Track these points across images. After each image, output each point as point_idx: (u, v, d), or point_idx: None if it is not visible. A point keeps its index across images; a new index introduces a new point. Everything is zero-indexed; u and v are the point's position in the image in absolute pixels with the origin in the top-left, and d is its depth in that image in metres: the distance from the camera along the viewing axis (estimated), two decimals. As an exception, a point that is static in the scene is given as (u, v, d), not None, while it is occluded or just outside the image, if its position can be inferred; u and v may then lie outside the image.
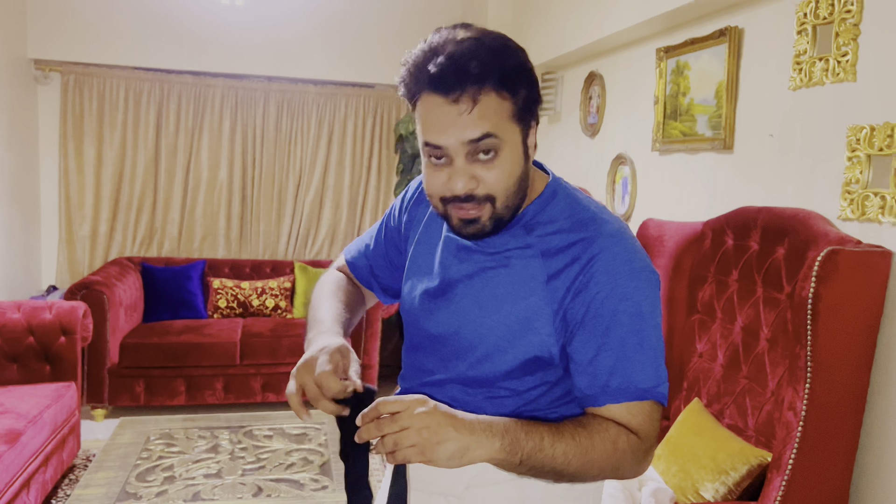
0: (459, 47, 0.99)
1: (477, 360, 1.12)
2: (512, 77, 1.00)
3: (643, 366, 1.04)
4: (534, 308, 1.07)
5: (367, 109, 5.13)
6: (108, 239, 4.79)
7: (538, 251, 1.08)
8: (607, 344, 1.03)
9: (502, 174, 1.02)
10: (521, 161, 1.05)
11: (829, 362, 1.78)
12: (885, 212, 1.82)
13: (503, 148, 1.01)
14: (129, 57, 4.62)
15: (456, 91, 0.98)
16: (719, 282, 2.31)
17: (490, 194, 1.03)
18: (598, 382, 1.04)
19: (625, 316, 1.03)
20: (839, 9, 1.99)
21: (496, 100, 0.99)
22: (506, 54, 1.00)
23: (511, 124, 1.02)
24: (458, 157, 1.01)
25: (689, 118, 2.71)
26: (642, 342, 1.04)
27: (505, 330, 1.09)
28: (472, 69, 0.97)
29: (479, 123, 0.99)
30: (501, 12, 4.48)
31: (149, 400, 3.95)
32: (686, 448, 2.11)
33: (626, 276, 1.04)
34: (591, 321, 1.04)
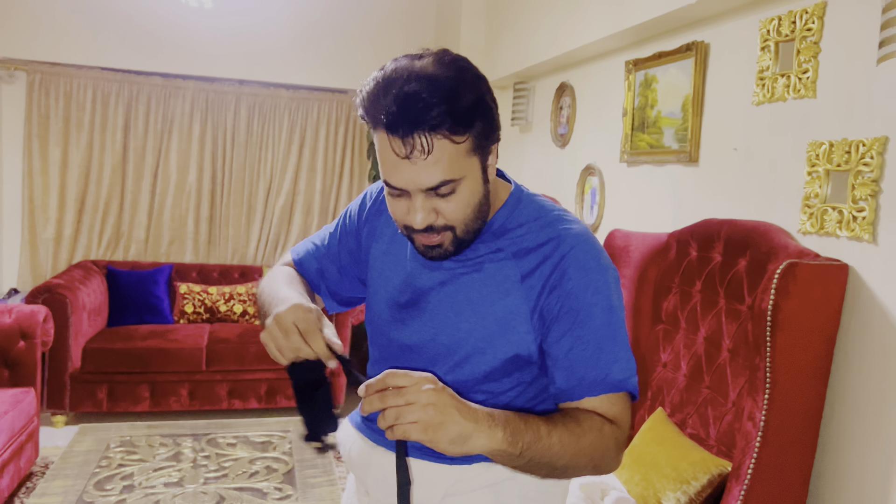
0: (410, 88, 0.96)
1: (455, 363, 1.12)
2: (466, 116, 0.98)
3: (617, 357, 1.06)
4: (511, 307, 1.08)
5: (340, 115, 5.12)
6: (73, 242, 4.70)
7: (509, 253, 1.10)
8: (583, 337, 1.05)
9: (460, 206, 1.03)
10: (481, 187, 1.05)
11: (788, 373, 1.81)
12: (842, 226, 1.86)
13: (462, 183, 1.02)
14: (96, 57, 4.56)
15: (408, 138, 0.96)
16: (683, 292, 2.34)
17: (449, 225, 1.04)
18: (575, 375, 1.05)
19: (597, 309, 1.05)
20: (800, 27, 2.03)
21: (450, 144, 0.98)
22: (459, 92, 0.97)
23: (469, 159, 1.01)
24: (417, 195, 1.02)
25: (657, 130, 2.75)
26: (615, 334, 1.06)
27: (483, 331, 1.10)
28: (423, 116, 0.95)
29: (435, 171, 0.99)
30: (475, 22, 4.51)
31: (111, 406, 3.88)
32: (649, 457, 2.12)
33: (596, 271, 1.06)
34: (567, 315, 1.06)
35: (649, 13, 2.56)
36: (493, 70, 4.30)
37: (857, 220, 1.81)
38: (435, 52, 1.03)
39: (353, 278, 1.31)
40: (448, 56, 1.02)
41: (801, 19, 2.03)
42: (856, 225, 1.81)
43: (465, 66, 1.02)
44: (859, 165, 1.81)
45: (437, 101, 0.95)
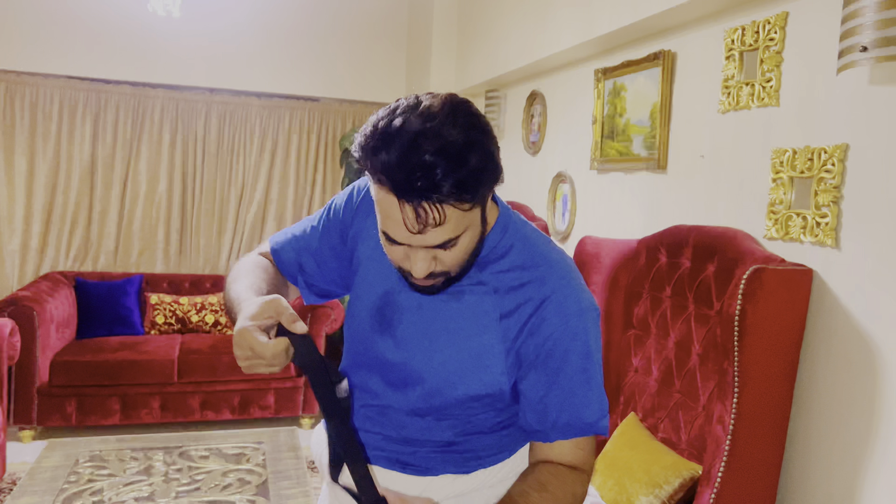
0: (415, 152, 0.90)
1: (427, 392, 1.13)
2: (474, 183, 0.93)
3: (589, 401, 1.08)
4: (487, 345, 1.09)
5: (312, 123, 5.10)
6: (40, 253, 4.62)
7: (491, 288, 1.09)
8: (558, 382, 1.06)
9: (460, 254, 1.02)
10: (479, 230, 1.03)
11: (756, 377, 1.84)
12: (806, 232, 1.90)
13: (464, 235, 1.00)
14: (63, 66, 4.49)
15: (413, 203, 0.92)
16: (654, 298, 2.37)
17: (446, 271, 1.03)
18: (548, 419, 1.07)
19: (574, 355, 1.07)
20: (763, 37, 2.07)
21: (457, 211, 0.94)
22: (469, 158, 0.92)
23: (472, 213, 0.98)
24: (419, 250, 0.99)
25: (626, 138, 2.78)
26: (589, 379, 1.08)
27: (457, 365, 1.10)
28: (433, 189, 0.91)
29: (441, 234, 0.96)
30: (446, 30, 4.53)
31: (81, 420, 3.81)
32: (621, 462, 2.14)
33: (576, 316, 1.07)
34: (544, 360, 1.07)
35: (617, 22, 2.60)
36: (465, 78, 4.32)
37: (820, 225, 1.85)
38: (444, 103, 0.96)
39: (332, 272, 1.28)
40: (459, 111, 0.96)
41: (763, 29, 2.08)
42: (819, 231, 1.85)
43: (474, 122, 0.96)
44: (821, 172, 1.85)
45: (450, 175, 0.91)
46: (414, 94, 0.98)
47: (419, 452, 1.17)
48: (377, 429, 1.19)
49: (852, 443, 1.76)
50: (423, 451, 1.17)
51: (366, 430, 1.20)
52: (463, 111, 0.96)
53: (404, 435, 1.17)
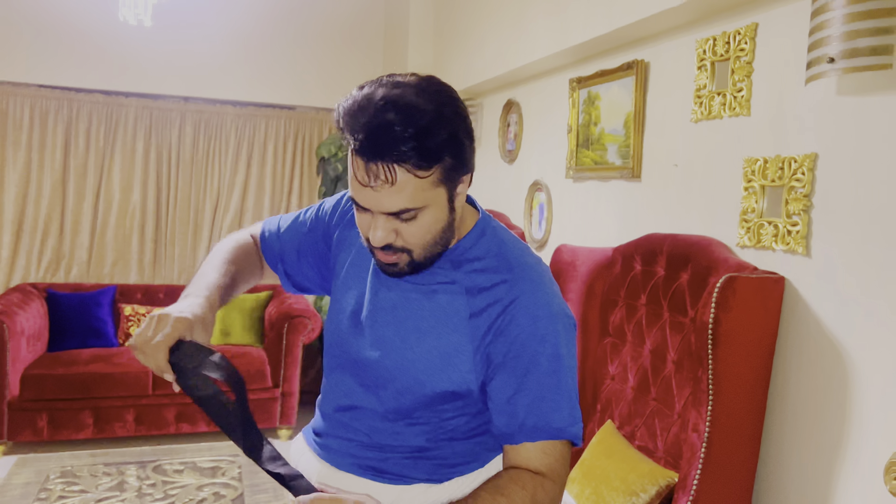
0: (383, 118, 0.96)
1: (397, 391, 1.13)
2: (434, 152, 0.98)
3: (559, 406, 1.07)
4: (455, 344, 1.09)
5: (289, 131, 5.07)
6: (10, 265, 4.54)
7: (463, 287, 1.11)
8: (526, 384, 1.06)
9: (420, 231, 1.04)
10: (446, 215, 1.06)
11: (730, 385, 1.85)
12: (778, 240, 1.92)
13: (424, 211, 1.02)
14: (33, 74, 4.43)
15: (374, 164, 0.97)
16: (629, 306, 2.38)
17: (406, 247, 1.06)
18: (515, 421, 1.06)
19: (543, 357, 1.06)
20: (734, 47, 2.10)
21: (414, 178, 0.98)
22: (432, 128, 0.97)
23: (435, 190, 1.01)
24: (378, 215, 1.03)
25: (601, 147, 2.80)
26: (559, 383, 1.07)
27: (426, 364, 1.11)
28: (390, 148, 0.95)
29: (396, 199, 0.99)
30: (422, 38, 4.53)
31: (52, 434, 3.74)
32: (599, 470, 2.14)
33: (545, 319, 1.07)
34: (512, 361, 1.07)
35: (591, 32, 2.62)
36: (441, 86, 4.32)
37: (791, 234, 1.87)
38: (421, 78, 1.02)
39: (311, 269, 1.32)
40: (432, 86, 1.01)
41: (734, 40, 2.10)
42: (790, 239, 1.87)
43: (445, 99, 1.01)
44: (792, 181, 1.87)
45: (408, 135, 0.95)
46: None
47: (391, 458, 1.17)
48: (349, 434, 1.20)
49: (825, 447, 1.78)
50: (394, 458, 1.17)
51: (338, 437, 1.21)
52: (437, 88, 1.01)
53: (376, 440, 1.17)
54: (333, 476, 1.19)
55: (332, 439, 1.22)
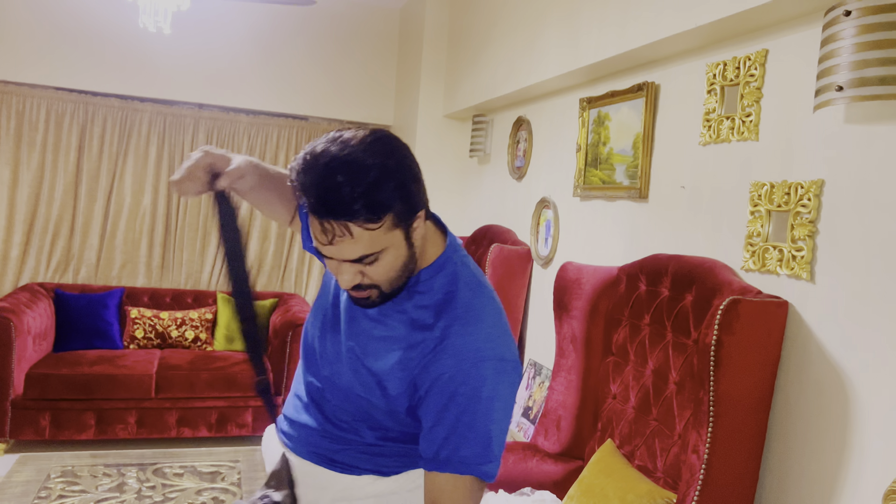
0: (330, 181, 1.02)
1: (338, 405, 1.25)
2: (383, 206, 1.04)
3: (471, 444, 1.12)
4: (391, 369, 1.18)
5: (300, 141, 5.12)
6: (20, 263, 4.58)
7: (409, 318, 1.18)
8: (443, 419, 1.13)
9: (384, 269, 1.11)
10: (405, 252, 1.13)
11: (731, 407, 1.86)
12: (782, 264, 1.93)
13: (384, 253, 1.09)
14: (51, 77, 4.49)
15: (328, 222, 1.04)
16: (633, 325, 2.39)
17: (375, 284, 1.14)
18: (431, 449, 1.14)
19: (462, 398, 1.12)
20: (744, 73, 2.12)
21: (366, 231, 1.05)
22: (380, 183, 1.03)
23: (390, 233, 1.08)
24: (342, 262, 1.10)
25: (609, 167, 2.82)
26: (474, 423, 1.12)
27: (361, 383, 1.20)
28: (340, 208, 1.02)
29: (354, 249, 1.07)
30: (436, 55, 4.58)
31: (55, 434, 3.76)
32: (597, 489, 2.14)
33: (469, 362, 1.13)
34: (434, 396, 1.14)
35: (602, 53, 2.65)
36: (453, 102, 4.37)
37: (796, 259, 1.88)
38: (367, 133, 1.08)
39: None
40: (378, 142, 1.07)
41: (744, 65, 2.13)
42: (795, 264, 1.88)
43: (389, 151, 1.07)
44: (798, 206, 1.88)
45: (357, 194, 1.02)
46: (348, 128, 1.11)
47: (344, 451, 1.27)
48: (308, 426, 1.30)
49: (825, 473, 1.78)
50: (347, 451, 1.27)
51: (299, 427, 1.31)
52: (383, 143, 1.08)
53: (331, 434, 1.28)
54: (296, 463, 1.29)
55: (296, 434, 1.32)
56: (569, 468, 2.50)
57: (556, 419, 2.63)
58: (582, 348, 2.57)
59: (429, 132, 4.61)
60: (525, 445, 2.63)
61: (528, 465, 2.50)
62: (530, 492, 2.33)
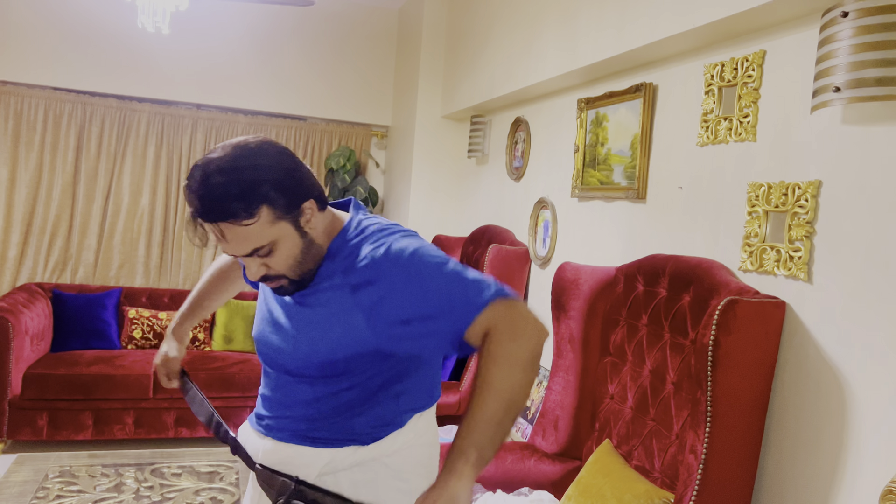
0: (198, 191, 1.17)
1: (299, 365, 1.31)
2: (257, 201, 1.17)
3: (465, 293, 1.21)
4: (343, 314, 1.25)
5: (298, 141, 5.12)
6: (18, 263, 4.58)
7: (340, 270, 1.27)
8: (434, 304, 1.21)
9: (283, 259, 1.24)
10: (299, 241, 1.25)
11: (728, 407, 1.86)
12: (780, 265, 1.94)
13: (276, 244, 1.22)
14: (50, 77, 4.49)
15: (212, 225, 1.19)
16: (630, 325, 2.39)
17: (280, 273, 1.26)
18: (451, 336, 1.22)
19: (423, 286, 1.21)
20: (741, 74, 2.13)
21: (242, 228, 1.18)
22: (252, 182, 1.16)
23: (276, 226, 1.21)
24: (244, 258, 1.24)
25: (607, 167, 2.83)
26: (450, 283, 1.22)
27: (320, 334, 1.27)
28: (210, 213, 1.17)
29: (244, 245, 1.20)
30: (434, 56, 4.58)
31: (52, 434, 3.75)
32: (595, 489, 2.15)
33: (405, 264, 1.22)
34: (414, 305, 1.21)
35: (601, 54, 2.65)
36: (451, 103, 4.37)
37: (793, 259, 1.89)
38: (247, 140, 1.21)
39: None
40: (255, 146, 1.20)
41: (742, 66, 2.13)
42: (792, 264, 1.89)
43: (264, 153, 1.20)
44: (795, 207, 1.89)
45: (231, 195, 1.16)
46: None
47: (318, 426, 1.33)
48: (283, 413, 1.37)
49: (822, 472, 1.79)
50: (320, 425, 1.33)
51: (275, 416, 1.38)
52: (260, 146, 1.21)
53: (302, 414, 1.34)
54: (276, 448, 1.35)
55: (272, 420, 1.39)
56: (566, 468, 2.50)
57: (553, 419, 2.63)
58: (580, 348, 2.57)
59: (427, 133, 4.61)
60: (523, 445, 2.63)
61: (525, 464, 2.51)
62: (528, 492, 2.34)
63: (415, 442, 1.37)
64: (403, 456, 1.36)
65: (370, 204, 5.00)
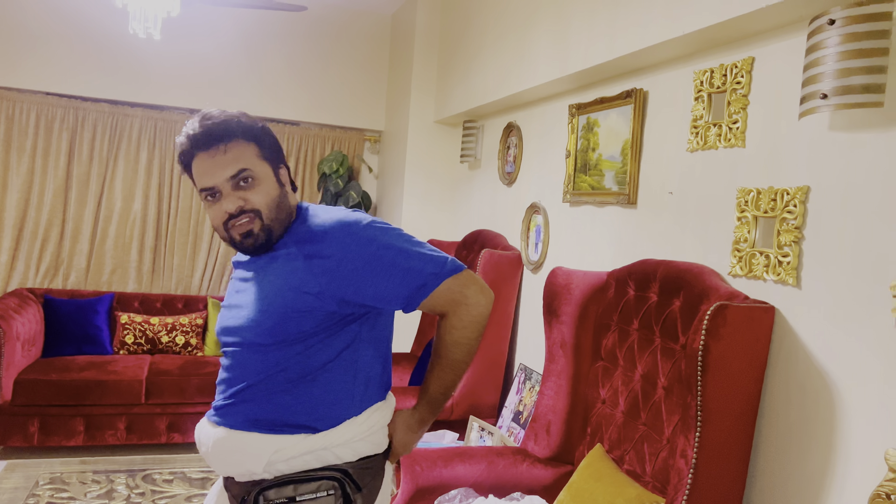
0: (210, 120, 1.39)
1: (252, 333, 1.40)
2: (252, 132, 1.42)
3: (421, 265, 1.38)
4: (297, 280, 1.37)
5: (291, 146, 5.12)
6: (9, 269, 4.56)
7: (293, 241, 1.42)
8: (385, 275, 1.36)
9: (261, 194, 1.40)
10: (276, 188, 1.44)
11: (718, 412, 1.87)
12: (769, 270, 1.95)
13: (258, 177, 1.40)
14: (41, 82, 4.48)
15: (212, 145, 1.38)
16: (622, 330, 2.40)
17: (255, 208, 1.40)
18: (402, 296, 1.38)
19: (377, 254, 1.36)
20: (731, 80, 2.14)
21: (243, 145, 1.40)
22: (247, 123, 1.42)
23: (261, 162, 1.42)
24: (226, 189, 1.39)
25: (598, 173, 2.84)
26: (406, 256, 1.38)
27: (272, 301, 1.38)
28: (220, 130, 1.38)
29: (234, 163, 1.38)
30: (427, 61, 4.59)
31: (43, 440, 3.74)
32: (587, 494, 2.15)
33: (357, 233, 1.37)
34: (360, 272, 1.35)
35: (591, 60, 2.67)
36: (444, 108, 4.38)
37: (782, 264, 1.90)
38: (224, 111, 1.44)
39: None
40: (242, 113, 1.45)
41: (731, 73, 2.15)
42: (781, 269, 1.90)
43: (254, 119, 1.45)
44: (784, 213, 1.90)
45: (230, 123, 1.40)
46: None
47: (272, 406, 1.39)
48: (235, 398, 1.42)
49: (812, 476, 1.80)
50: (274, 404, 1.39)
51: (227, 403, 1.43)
52: (247, 115, 1.45)
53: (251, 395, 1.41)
54: (227, 436, 1.40)
55: (226, 404, 1.44)
56: (558, 473, 2.51)
57: (545, 424, 2.64)
58: (571, 353, 2.58)
59: (420, 137, 4.62)
60: (515, 450, 2.63)
61: (517, 469, 2.51)
62: (520, 496, 2.34)
63: (367, 437, 1.45)
64: (353, 448, 1.42)
65: (363, 208, 5.01)
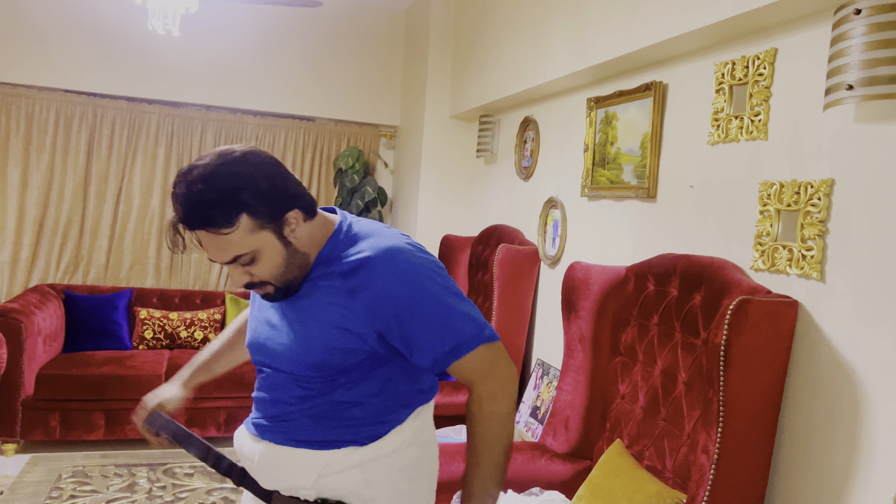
0: (183, 196, 1.18)
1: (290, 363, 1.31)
2: (236, 205, 1.17)
3: (457, 327, 1.25)
4: (338, 316, 1.25)
5: (307, 142, 5.13)
6: (30, 265, 4.61)
7: (337, 274, 1.27)
8: (421, 325, 1.24)
9: (266, 268, 1.25)
10: (282, 250, 1.25)
11: (741, 407, 1.85)
12: (792, 264, 1.92)
13: (257, 253, 1.23)
14: (61, 80, 4.52)
15: (194, 232, 1.20)
16: (641, 325, 2.38)
17: (263, 280, 1.27)
18: (431, 354, 1.25)
19: (419, 301, 1.23)
20: (753, 72, 2.12)
21: (222, 237, 1.19)
22: (231, 191, 1.17)
23: (257, 235, 1.21)
24: (229, 266, 1.24)
25: (617, 166, 2.82)
26: (447, 311, 1.25)
27: (312, 334, 1.27)
28: (191, 219, 1.18)
29: (226, 252, 1.21)
30: (442, 55, 4.58)
31: (64, 434, 3.78)
32: (606, 489, 2.14)
33: (404, 273, 1.24)
34: (399, 317, 1.23)
35: (610, 53, 2.64)
36: (460, 103, 4.37)
37: (805, 258, 1.88)
38: (215, 154, 1.20)
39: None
40: (239, 155, 1.20)
41: (753, 64, 2.12)
42: (805, 263, 1.88)
43: (247, 162, 1.20)
44: (808, 206, 1.88)
45: (211, 202, 1.16)
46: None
47: (311, 428, 1.33)
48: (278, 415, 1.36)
49: (835, 473, 1.77)
50: (315, 427, 1.33)
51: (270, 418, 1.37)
52: (244, 156, 1.20)
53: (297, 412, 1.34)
54: (272, 452, 1.34)
55: (267, 422, 1.38)
56: (577, 468, 2.50)
57: (564, 419, 2.63)
58: (590, 348, 2.57)
59: (436, 133, 4.61)
60: (533, 445, 2.63)
61: (536, 465, 2.50)
62: (539, 492, 2.34)
63: (414, 441, 1.38)
64: (403, 455, 1.35)
65: (379, 204, 5.01)
